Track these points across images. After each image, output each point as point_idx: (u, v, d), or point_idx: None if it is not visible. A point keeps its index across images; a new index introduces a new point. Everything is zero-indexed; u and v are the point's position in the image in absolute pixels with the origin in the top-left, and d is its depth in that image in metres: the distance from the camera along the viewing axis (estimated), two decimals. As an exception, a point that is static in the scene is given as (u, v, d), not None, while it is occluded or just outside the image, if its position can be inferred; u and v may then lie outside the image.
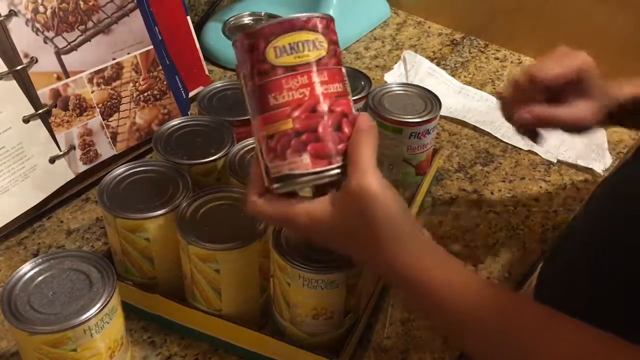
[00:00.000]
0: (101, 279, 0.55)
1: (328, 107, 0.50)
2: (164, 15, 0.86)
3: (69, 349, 0.52)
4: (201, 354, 0.64)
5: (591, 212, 0.66)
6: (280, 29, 0.50)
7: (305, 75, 0.50)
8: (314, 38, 0.50)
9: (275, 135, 0.50)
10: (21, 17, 0.72)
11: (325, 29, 0.51)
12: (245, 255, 0.59)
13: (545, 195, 0.84)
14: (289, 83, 0.50)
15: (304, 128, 0.49)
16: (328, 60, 0.51)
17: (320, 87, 0.50)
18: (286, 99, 0.50)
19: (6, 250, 0.74)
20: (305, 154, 0.49)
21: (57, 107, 0.75)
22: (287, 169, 0.50)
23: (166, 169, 0.66)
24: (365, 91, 0.78)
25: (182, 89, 0.89)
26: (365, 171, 0.49)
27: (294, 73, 0.50)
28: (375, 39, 1.13)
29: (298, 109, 0.50)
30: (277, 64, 0.50)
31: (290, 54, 0.50)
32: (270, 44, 0.50)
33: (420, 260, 0.49)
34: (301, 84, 0.50)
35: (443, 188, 0.85)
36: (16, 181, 0.73)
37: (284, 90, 0.50)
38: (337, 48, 0.52)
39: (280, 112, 0.50)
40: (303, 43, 0.50)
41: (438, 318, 0.51)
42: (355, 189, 0.48)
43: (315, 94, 0.50)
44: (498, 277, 0.73)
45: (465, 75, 1.06)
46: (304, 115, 0.50)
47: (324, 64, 0.50)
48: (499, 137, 0.93)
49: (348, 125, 0.51)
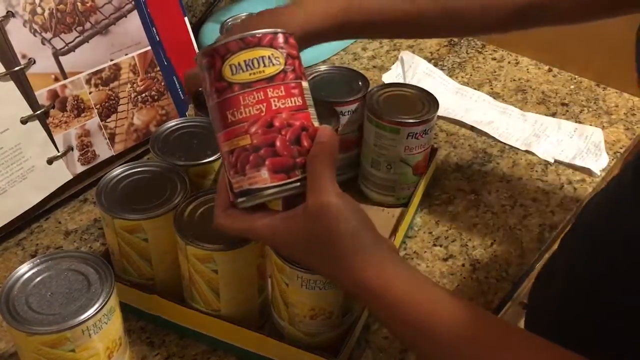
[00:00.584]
0: (99, 279, 0.55)
1: (285, 122, 0.51)
2: (161, 16, 0.86)
3: (68, 350, 0.52)
4: (199, 354, 0.64)
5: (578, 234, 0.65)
6: (236, 46, 0.51)
7: (261, 92, 0.51)
8: (269, 54, 0.51)
9: (235, 150, 0.51)
10: (19, 18, 0.72)
11: (283, 44, 0.52)
12: (243, 256, 0.59)
13: (543, 195, 0.85)
14: (245, 99, 0.51)
15: (261, 143, 0.50)
16: (284, 75, 0.51)
17: (278, 101, 0.51)
18: (243, 115, 0.51)
19: (4, 251, 0.74)
20: (263, 169, 0.50)
21: (55, 108, 0.75)
22: (247, 183, 0.51)
23: (164, 169, 0.66)
24: (362, 92, 0.78)
25: (180, 90, 0.89)
26: (321, 188, 0.49)
27: (250, 90, 0.51)
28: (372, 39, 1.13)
29: (255, 125, 0.50)
30: (233, 81, 0.51)
31: (245, 70, 0.51)
32: (227, 61, 0.51)
33: (381, 272, 0.49)
34: (257, 99, 0.51)
35: (440, 188, 0.85)
36: (14, 182, 0.73)
37: (241, 107, 0.51)
38: (295, 62, 0.53)
39: (239, 128, 0.51)
40: (258, 60, 0.51)
41: (398, 330, 0.51)
42: (312, 207, 0.49)
43: (271, 109, 0.51)
44: (496, 276, 0.74)
45: (463, 75, 1.06)
46: (261, 130, 0.50)
47: (280, 79, 0.51)
48: (496, 137, 0.93)
49: (307, 138, 0.51)
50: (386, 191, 0.80)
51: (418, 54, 1.08)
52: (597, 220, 0.60)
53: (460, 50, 1.11)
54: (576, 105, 1.00)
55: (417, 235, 0.78)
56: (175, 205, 0.62)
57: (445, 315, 0.48)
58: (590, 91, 1.03)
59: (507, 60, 1.10)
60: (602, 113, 0.99)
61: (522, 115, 0.97)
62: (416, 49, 1.11)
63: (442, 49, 1.11)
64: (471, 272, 0.74)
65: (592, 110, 0.99)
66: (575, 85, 1.05)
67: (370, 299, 0.50)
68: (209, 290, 0.61)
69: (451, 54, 1.10)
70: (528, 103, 1.01)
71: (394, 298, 0.49)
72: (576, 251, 0.62)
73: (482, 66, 1.08)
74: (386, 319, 0.51)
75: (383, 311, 0.50)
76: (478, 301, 0.71)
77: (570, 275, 0.61)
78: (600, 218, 0.60)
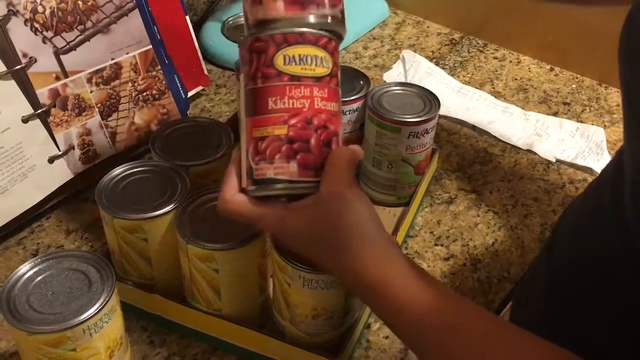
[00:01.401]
0: (100, 278, 0.55)
1: (323, 123, 0.51)
2: (162, 15, 0.86)
3: (68, 349, 0.52)
4: (200, 354, 0.64)
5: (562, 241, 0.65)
6: (293, 39, 0.51)
7: (308, 88, 0.51)
8: (322, 55, 0.52)
9: (267, 138, 0.51)
10: (20, 17, 0.72)
11: (333, 50, 0.53)
12: (245, 255, 0.59)
13: (544, 195, 0.84)
14: (292, 91, 0.51)
15: (297, 137, 0.51)
16: (330, 79, 0.52)
17: (320, 102, 0.51)
18: (286, 106, 0.51)
19: (5, 250, 0.74)
20: (293, 162, 0.50)
21: (56, 107, 0.75)
22: (273, 172, 0.51)
23: (164, 169, 0.66)
24: (364, 91, 0.78)
25: (181, 89, 0.89)
26: (337, 178, 0.50)
27: (298, 83, 0.51)
28: (374, 38, 1.13)
29: (295, 117, 0.51)
30: (284, 71, 0.51)
31: (298, 64, 0.51)
32: (281, 51, 0.51)
33: (380, 266, 0.49)
34: (303, 95, 0.51)
35: (442, 187, 0.85)
36: (15, 181, 0.73)
37: (285, 97, 0.51)
38: (338, 71, 0.54)
39: (278, 117, 0.51)
40: (312, 57, 0.51)
41: (395, 325, 0.51)
42: (325, 195, 0.49)
43: (314, 107, 0.51)
44: (497, 276, 0.73)
45: (464, 74, 1.06)
46: (300, 124, 0.51)
47: (326, 82, 0.52)
48: (497, 136, 0.93)
49: (337, 144, 0.52)
50: (387, 190, 0.80)
51: (419, 52, 1.08)
52: (578, 221, 0.60)
53: (461, 49, 1.11)
54: (578, 104, 1.00)
55: (419, 234, 0.78)
56: (175, 205, 0.62)
57: (441, 312, 0.48)
58: (592, 90, 1.03)
59: (508, 60, 1.09)
60: (603, 112, 0.99)
61: (524, 115, 0.97)
62: (417, 48, 1.11)
63: (444, 48, 1.11)
64: (472, 271, 0.74)
65: (593, 110, 0.99)
66: (577, 85, 1.04)
67: (368, 292, 0.50)
68: (210, 289, 0.61)
69: (453, 53, 1.10)
70: (530, 102, 1.00)
71: (392, 293, 0.49)
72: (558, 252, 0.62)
73: (484, 65, 1.08)
74: (385, 314, 0.51)
75: (380, 305, 0.50)
76: (479, 301, 0.71)
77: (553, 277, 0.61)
78: (582, 219, 0.59)
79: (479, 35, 1.14)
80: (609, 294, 0.53)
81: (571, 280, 0.58)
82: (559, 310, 0.59)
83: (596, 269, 0.55)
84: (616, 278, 0.52)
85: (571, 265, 0.59)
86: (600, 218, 0.55)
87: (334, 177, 0.50)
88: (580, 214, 0.60)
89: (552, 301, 0.60)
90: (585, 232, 0.57)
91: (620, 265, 0.52)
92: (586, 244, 0.57)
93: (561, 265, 0.60)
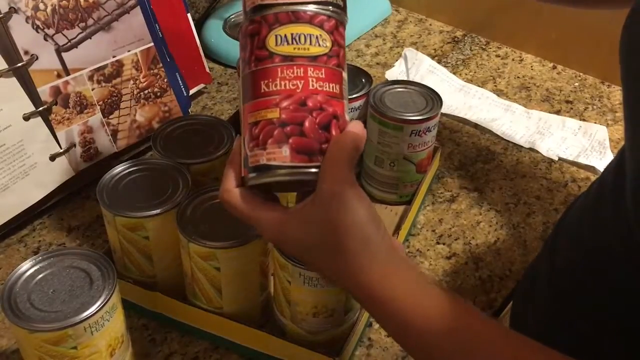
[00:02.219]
0: (101, 276, 0.55)
1: (319, 104, 0.48)
2: (164, 13, 0.86)
3: (70, 347, 0.52)
4: (202, 352, 0.64)
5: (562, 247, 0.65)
6: (285, 18, 0.48)
7: (301, 68, 0.48)
8: (318, 34, 0.49)
9: (260, 122, 0.49)
10: (21, 14, 0.72)
11: (333, 29, 0.50)
12: (246, 253, 0.59)
13: (547, 193, 0.84)
14: (283, 72, 0.48)
15: (289, 120, 0.48)
16: (328, 59, 0.49)
17: (315, 83, 0.49)
18: (278, 88, 0.48)
19: (7, 247, 0.74)
20: (285, 146, 0.48)
21: (58, 105, 0.75)
22: (265, 159, 0.48)
23: (166, 167, 0.66)
24: (366, 89, 0.78)
25: (183, 87, 0.88)
26: (336, 174, 0.47)
27: (290, 64, 0.48)
28: (376, 36, 1.13)
29: (288, 100, 0.48)
30: (275, 52, 0.48)
31: (290, 43, 0.48)
32: (273, 31, 0.48)
33: (385, 277, 0.47)
34: (296, 75, 0.48)
35: (444, 186, 0.84)
36: (16, 179, 0.73)
37: (277, 79, 0.48)
38: (340, 51, 0.51)
39: (270, 100, 0.48)
40: (305, 36, 0.49)
41: (401, 337, 0.49)
42: (324, 193, 0.47)
43: (308, 88, 0.48)
44: (499, 275, 0.73)
45: (467, 72, 1.05)
46: (292, 106, 0.48)
47: (323, 62, 0.49)
48: (500, 134, 0.93)
49: (337, 128, 0.49)
50: (389, 189, 0.79)
51: (421, 50, 1.08)
52: (579, 222, 0.60)
53: (464, 47, 1.11)
54: (580, 102, 1.00)
55: (420, 233, 0.78)
56: (176, 203, 0.62)
57: (451, 332, 0.46)
58: (595, 89, 1.03)
59: (511, 58, 1.09)
60: (606, 111, 0.98)
61: (526, 113, 0.97)
62: (420, 45, 1.10)
63: (446, 46, 1.11)
64: (474, 270, 0.74)
65: (596, 108, 0.99)
66: (579, 83, 1.04)
67: (371, 303, 0.49)
68: (211, 287, 0.61)
69: (455, 51, 1.10)
70: (532, 100, 1.00)
71: (397, 308, 0.47)
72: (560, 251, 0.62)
73: (486, 63, 1.08)
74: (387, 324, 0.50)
75: (384, 319, 0.49)
76: (481, 299, 0.71)
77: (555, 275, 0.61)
78: (583, 220, 0.59)
79: (481, 33, 1.13)
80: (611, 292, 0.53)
81: (573, 278, 0.58)
82: (561, 308, 0.59)
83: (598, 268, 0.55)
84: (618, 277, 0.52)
85: (573, 264, 0.59)
86: (601, 217, 0.55)
87: (334, 174, 0.47)
88: (582, 213, 0.60)
89: (553, 300, 0.60)
90: (587, 231, 0.57)
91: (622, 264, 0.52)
92: (588, 243, 0.57)
93: (563, 264, 0.60)
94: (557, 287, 0.60)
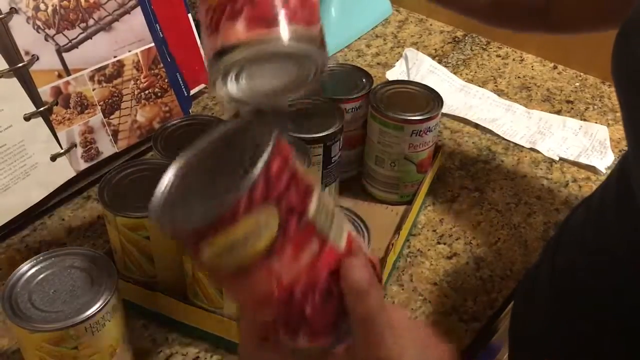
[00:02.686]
0: (102, 277, 0.55)
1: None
2: (165, 13, 0.86)
3: (70, 347, 0.52)
4: (202, 352, 0.64)
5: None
6: (210, 229, 0.37)
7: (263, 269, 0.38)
8: (254, 224, 0.37)
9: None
10: (22, 14, 0.72)
11: (266, 191, 0.37)
12: (247, 254, 0.59)
13: (547, 193, 0.84)
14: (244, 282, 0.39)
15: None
16: (284, 234, 0.38)
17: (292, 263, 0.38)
18: None
19: (7, 248, 0.74)
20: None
21: (58, 105, 0.75)
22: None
23: (167, 167, 0.66)
24: (366, 89, 0.78)
25: (184, 87, 0.88)
26: (377, 342, 0.40)
27: (247, 273, 0.38)
28: (376, 36, 1.13)
29: None
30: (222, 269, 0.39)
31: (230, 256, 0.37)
32: (206, 248, 0.38)
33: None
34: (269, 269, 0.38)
35: (445, 186, 0.84)
36: (17, 179, 0.73)
37: None
38: (292, 218, 0.38)
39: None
40: (242, 239, 0.37)
41: None
42: None
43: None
44: (500, 275, 0.73)
45: (467, 72, 1.05)
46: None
47: (282, 242, 0.38)
48: (500, 134, 0.93)
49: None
50: (390, 189, 0.79)
51: (422, 50, 1.08)
52: (582, 225, 0.60)
53: (464, 47, 1.11)
54: (581, 102, 1.00)
55: (421, 233, 0.78)
56: (178, 202, 0.62)
57: None
58: (596, 89, 1.03)
59: (511, 58, 1.09)
60: (607, 110, 0.98)
61: (527, 113, 0.97)
62: (420, 46, 1.10)
63: (447, 46, 1.11)
64: (475, 270, 0.74)
65: (597, 108, 0.99)
66: (580, 83, 1.04)
67: None
68: (212, 288, 0.61)
69: (455, 51, 1.10)
70: (533, 100, 1.00)
71: None
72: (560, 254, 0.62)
73: (487, 63, 1.08)
74: None
75: None
76: (482, 299, 0.71)
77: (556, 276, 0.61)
78: (586, 223, 0.59)
79: (482, 33, 1.13)
80: (612, 293, 0.53)
81: (574, 279, 0.58)
82: (562, 308, 0.59)
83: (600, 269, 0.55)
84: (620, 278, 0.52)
85: (575, 264, 0.59)
86: (605, 220, 0.55)
87: (371, 342, 0.40)
88: (585, 216, 0.60)
89: (554, 300, 0.60)
90: (590, 234, 0.57)
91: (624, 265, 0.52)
92: (591, 245, 0.57)
93: (565, 264, 0.60)
94: (558, 287, 0.60)
